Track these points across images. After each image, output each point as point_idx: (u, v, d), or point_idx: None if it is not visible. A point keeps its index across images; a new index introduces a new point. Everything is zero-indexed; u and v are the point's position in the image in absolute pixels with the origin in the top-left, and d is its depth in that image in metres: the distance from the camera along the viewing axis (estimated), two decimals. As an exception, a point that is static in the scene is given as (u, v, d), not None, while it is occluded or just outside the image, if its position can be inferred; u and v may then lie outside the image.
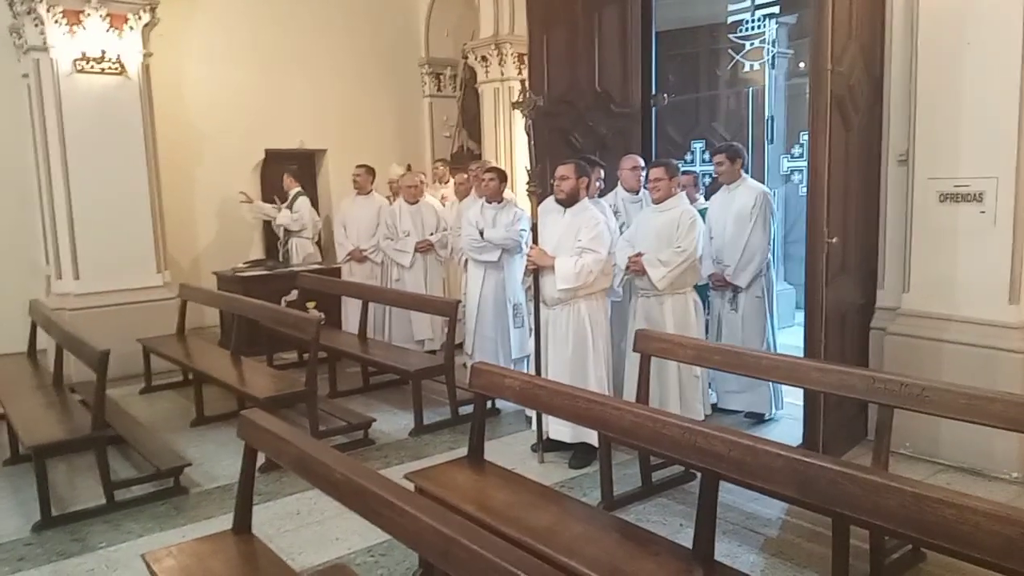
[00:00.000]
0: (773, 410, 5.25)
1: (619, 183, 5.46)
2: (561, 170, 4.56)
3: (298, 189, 8.25)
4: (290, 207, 8.15)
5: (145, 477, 4.31)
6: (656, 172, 4.76)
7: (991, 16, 4.16)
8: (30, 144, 7.09)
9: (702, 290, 5.16)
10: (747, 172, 5.39)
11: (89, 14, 6.52)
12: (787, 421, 5.17)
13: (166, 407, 6.01)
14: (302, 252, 8.20)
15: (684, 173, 5.37)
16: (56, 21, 6.42)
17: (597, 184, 5.17)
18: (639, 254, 4.70)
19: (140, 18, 6.79)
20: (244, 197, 8.13)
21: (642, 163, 5.43)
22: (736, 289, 5.16)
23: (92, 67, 6.61)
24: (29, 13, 6.45)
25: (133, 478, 4.33)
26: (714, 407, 5.31)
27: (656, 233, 4.70)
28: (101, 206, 6.72)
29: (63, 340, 4.87)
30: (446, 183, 8.17)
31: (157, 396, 6.33)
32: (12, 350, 6.12)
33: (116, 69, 6.72)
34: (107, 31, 6.64)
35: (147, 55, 6.94)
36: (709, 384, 5.16)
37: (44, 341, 5.87)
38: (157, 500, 4.18)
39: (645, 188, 5.51)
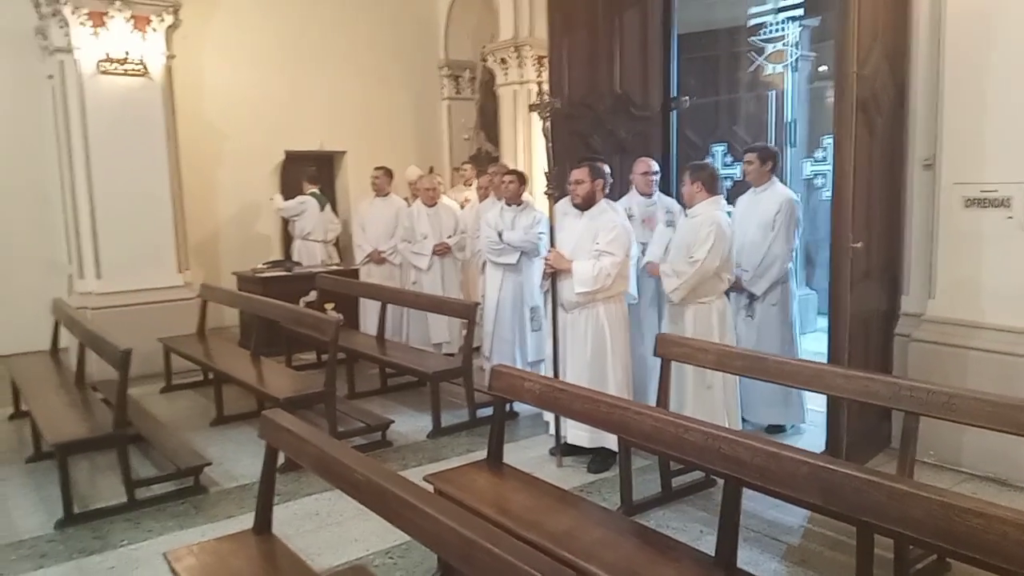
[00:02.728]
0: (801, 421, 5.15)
1: (632, 186, 5.41)
2: (576, 174, 4.53)
3: (312, 190, 8.30)
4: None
5: (166, 476, 4.34)
6: (684, 175, 4.67)
7: (1018, 18, 4.10)
8: (54, 144, 7.20)
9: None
10: (776, 176, 5.22)
11: (113, 16, 6.61)
12: (808, 428, 5.10)
13: (186, 406, 6.05)
14: (308, 257, 8.22)
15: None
16: (81, 23, 6.51)
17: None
18: (651, 262, 4.68)
19: (163, 20, 6.86)
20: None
21: (655, 167, 5.38)
22: (752, 296, 5.03)
23: (115, 68, 6.69)
24: (54, 15, 6.54)
25: (154, 477, 4.36)
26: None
27: (681, 239, 4.64)
28: (123, 206, 6.79)
29: (85, 339, 4.92)
30: (471, 185, 8.17)
31: (177, 395, 6.38)
32: (35, 348, 6.19)
33: (139, 70, 6.80)
34: (131, 33, 6.72)
35: (170, 57, 7.01)
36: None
37: (67, 340, 5.95)
38: (177, 499, 4.21)
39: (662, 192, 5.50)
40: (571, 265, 4.41)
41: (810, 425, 5.11)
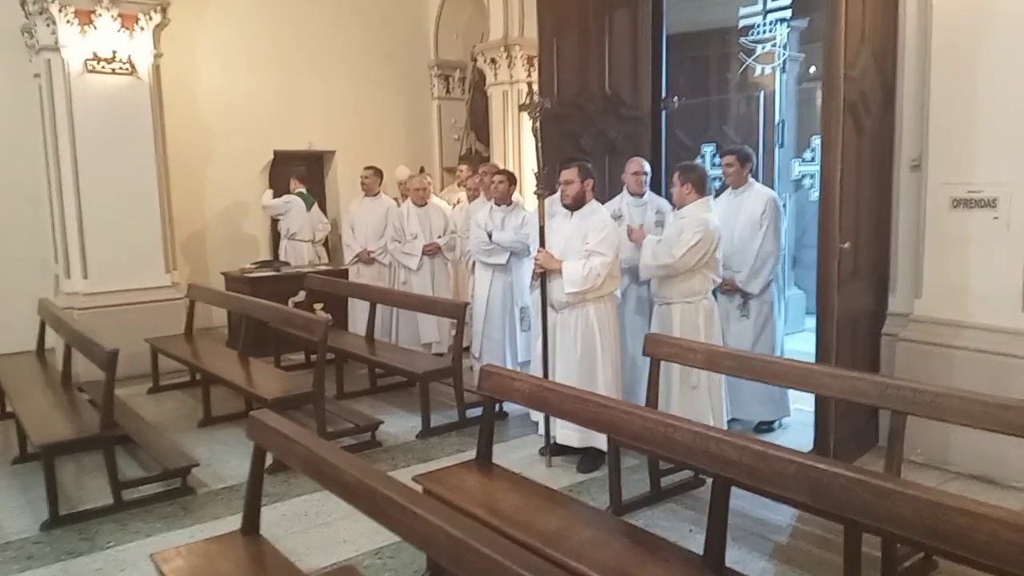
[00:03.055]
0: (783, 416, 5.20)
1: (624, 186, 5.43)
2: (565, 174, 4.54)
3: (299, 190, 8.27)
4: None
5: (153, 477, 4.31)
6: (674, 177, 4.71)
7: (1006, 22, 4.14)
8: (40, 143, 7.14)
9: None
10: (756, 177, 5.32)
11: (100, 14, 6.56)
12: (796, 427, 5.14)
13: (174, 407, 6.02)
14: (295, 257, 8.18)
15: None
16: (68, 21, 6.45)
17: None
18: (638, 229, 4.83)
19: (151, 18, 6.82)
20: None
21: (646, 167, 5.40)
22: (747, 295, 5.07)
23: (103, 67, 6.64)
24: (41, 13, 6.48)
25: (141, 478, 4.33)
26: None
27: (668, 238, 4.69)
28: (110, 206, 6.75)
29: (72, 339, 4.88)
30: (464, 186, 8.15)
31: (165, 396, 6.34)
32: (21, 349, 6.14)
33: (127, 69, 6.75)
34: (118, 31, 6.67)
35: (158, 55, 6.96)
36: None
37: (53, 340, 5.91)
38: (165, 500, 4.19)
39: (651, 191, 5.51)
40: (561, 265, 4.42)
41: (798, 424, 5.14)
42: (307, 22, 8.78)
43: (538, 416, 4.81)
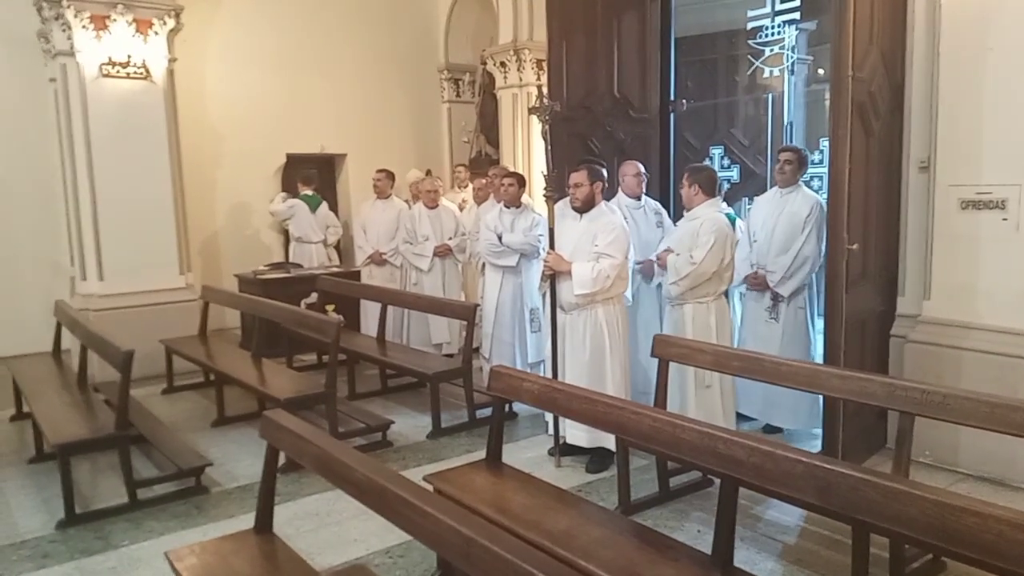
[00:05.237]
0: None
1: (619, 189, 5.39)
2: (575, 177, 4.56)
3: (305, 192, 8.27)
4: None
5: (167, 476, 4.36)
6: (683, 178, 4.72)
7: (1014, 22, 4.14)
8: (56, 147, 7.23)
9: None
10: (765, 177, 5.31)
11: (115, 19, 6.63)
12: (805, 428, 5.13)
13: (187, 407, 6.08)
14: (303, 259, 8.20)
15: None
16: (83, 26, 6.53)
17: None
18: (668, 249, 4.73)
19: (165, 23, 6.89)
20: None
21: (643, 169, 5.40)
22: (777, 297, 4.98)
23: (118, 72, 6.72)
24: (57, 18, 6.56)
25: (155, 477, 4.38)
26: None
27: (679, 241, 4.69)
28: (125, 208, 6.81)
29: (87, 340, 4.94)
30: (466, 187, 8.21)
31: (179, 396, 6.40)
32: (37, 350, 6.21)
33: (141, 74, 6.82)
34: (133, 36, 6.74)
35: (171, 60, 7.03)
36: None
37: (68, 341, 5.97)
38: (179, 499, 4.23)
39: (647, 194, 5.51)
40: (570, 267, 4.44)
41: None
42: (317, 26, 8.84)
43: (549, 415, 4.83)
